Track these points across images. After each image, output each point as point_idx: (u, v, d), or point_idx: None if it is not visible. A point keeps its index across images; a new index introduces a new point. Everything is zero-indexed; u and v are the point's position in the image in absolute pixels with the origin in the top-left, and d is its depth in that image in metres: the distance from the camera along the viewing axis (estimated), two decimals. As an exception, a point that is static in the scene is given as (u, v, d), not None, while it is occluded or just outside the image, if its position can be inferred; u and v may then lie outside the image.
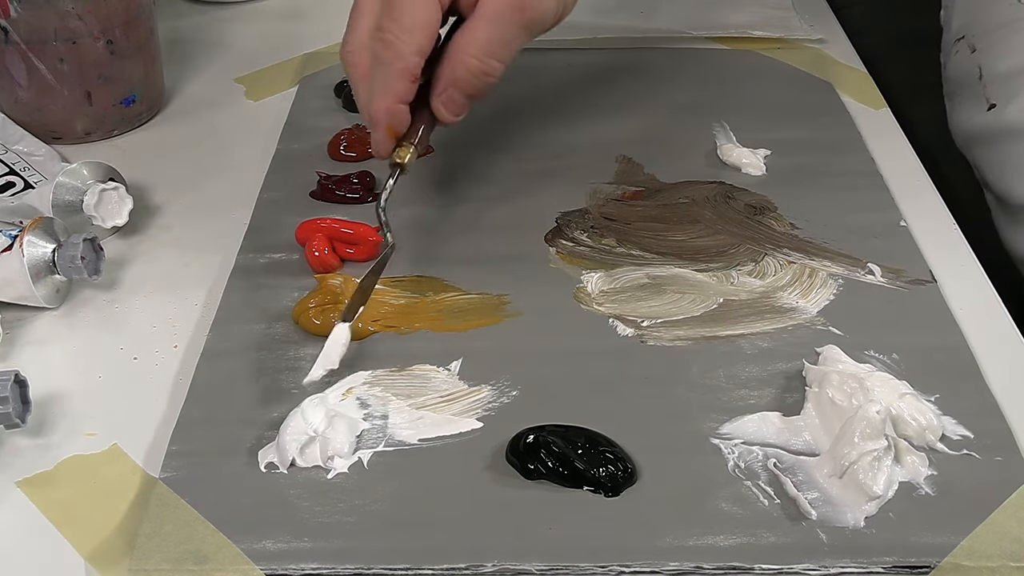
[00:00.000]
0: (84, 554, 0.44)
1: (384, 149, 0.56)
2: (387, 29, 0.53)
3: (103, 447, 0.49)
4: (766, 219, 0.62)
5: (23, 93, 0.70)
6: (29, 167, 0.68)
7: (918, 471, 0.46)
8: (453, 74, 0.54)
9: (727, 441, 0.48)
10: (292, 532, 0.44)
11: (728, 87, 0.75)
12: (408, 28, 0.53)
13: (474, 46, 0.53)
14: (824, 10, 0.86)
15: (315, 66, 0.79)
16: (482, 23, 0.53)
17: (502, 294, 0.56)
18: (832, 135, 0.69)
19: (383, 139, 0.56)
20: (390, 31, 0.53)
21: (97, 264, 0.58)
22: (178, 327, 0.56)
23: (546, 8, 0.54)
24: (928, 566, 0.42)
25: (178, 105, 0.77)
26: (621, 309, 0.55)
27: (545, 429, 0.47)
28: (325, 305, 0.54)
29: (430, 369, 0.52)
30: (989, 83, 0.71)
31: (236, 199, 0.65)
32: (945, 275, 0.57)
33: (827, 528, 0.44)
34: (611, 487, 0.45)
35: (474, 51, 0.53)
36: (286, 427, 0.47)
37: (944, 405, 0.49)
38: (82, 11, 0.67)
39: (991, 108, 0.70)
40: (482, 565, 0.42)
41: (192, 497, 0.45)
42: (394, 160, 0.56)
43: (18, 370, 0.49)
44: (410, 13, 0.53)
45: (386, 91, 0.54)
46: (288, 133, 0.71)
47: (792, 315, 0.55)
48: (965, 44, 0.74)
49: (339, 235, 0.59)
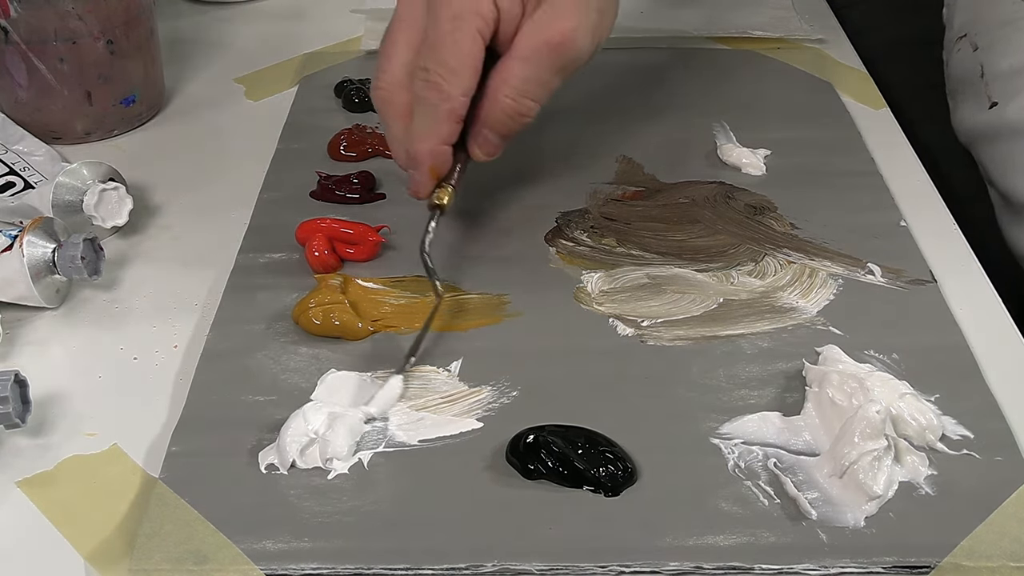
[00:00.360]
0: (84, 554, 0.44)
1: (425, 190, 0.55)
2: (432, 70, 0.52)
3: (103, 447, 0.49)
4: (766, 219, 0.62)
5: (23, 93, 0.70)
6: (29, 167, 0.68)
7: (918, 471, 0.46)
8: (488, 115, 0.54)
9: (727, 441, 0.48)
10: (292, 532, 0.44)
11: (728, 87, 0.75)
12: (455, 70, 0.52)
13: (509, 86, 0.53)
14: (824, 10, 0.86)
15: (315, 66, 0.79)
16: (517, 63, 0.53)
17: (502, 294, 0.56)
18: (832, 135, 0.69)
19: (426, 180, 0.55)
20: (436, 72, 0.52)
21: (97, 264, 0.58)
22: (178, 327, 0.56)
23: (581, 47, 0.53)
24: (928, 566, 0.42)
25: (178, 105, 0.77)
26: (621, 309, 0.55)
27: (545, 429, 0.47)
28: (325, 305, 0.54)
29: (430, 369, 0.52)
30: (991, 81, 0.71)
31: (236, 199, 0.65)
32: (945, 275, 0.57)
33: (827, 528, 0.44)
34: (611, 487, 0.45)
35: (509, 91, 0.53)
36: (287, 428, 0.47)
37: (944, 405, 0.49)
38: (82, 11, 0.67)
39: (993, 106, 0.70)
40: (482, 565, 0.42)
41: (192, 497, 0.45)
42: (433, 202, 0.55)
43: (18, 370, 0.49)
44: (456, 54, 0.52)
45: (431, 133, 0.53)
46: (288, 133, 0.71)
47: (792, 315, 0.55)
48: (967, 42, 0.74)
49: (339, 235, 0.59)
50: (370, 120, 0.71)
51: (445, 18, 0.52)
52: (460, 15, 0.52)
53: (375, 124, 0.71)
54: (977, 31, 0.74)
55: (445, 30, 0.52)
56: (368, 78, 0.74)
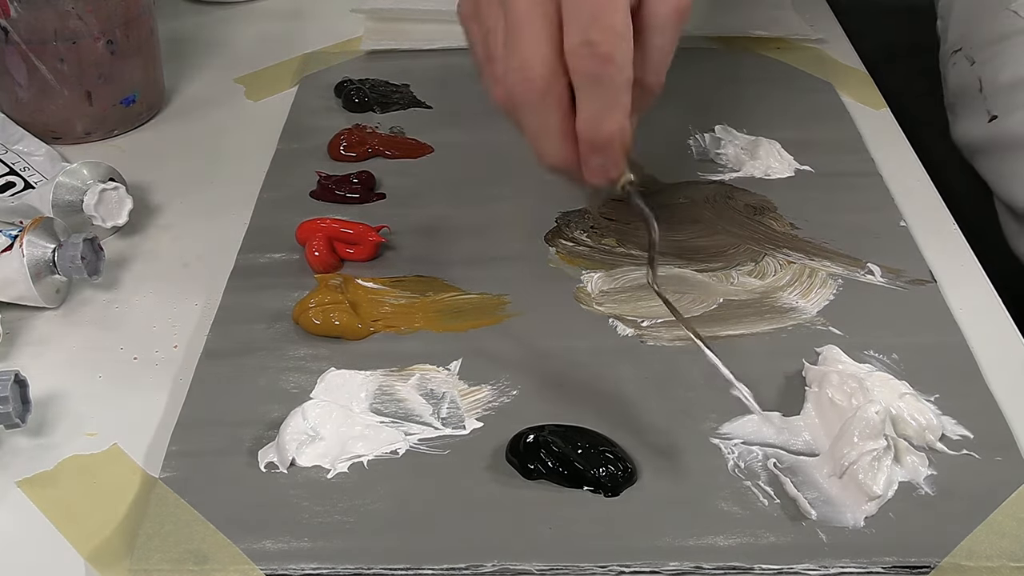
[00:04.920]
0: (84, 554, 0.44)
1: (619, 169, 0.49)
2: (600, 41, 0.45)
3: (103, 447, 0.49)
4: (766, 219, 0.62)
5: (23, 93, 0.70)
6: (29, 167, 0.68)
7: (918, 471, 0.46)
8: None
9: (727, 441, 0.48)
10: (292, 532, 0.44)
11: (728, 87, 0.75)
12: (623, 35, 0.46)
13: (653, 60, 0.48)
14: (824, 10, 0.86)
15: (315, 66, 0.79)
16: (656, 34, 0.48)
17: (502, 294, 0.56)
18: (832, 135, 0.69)
19: (619, 160, 0.49)
20: (606, 42, 0.45)
21: (97, 264, 0.58)
22: (178, 327, 0.56)
23: None
24: (928, 566, 0.42)
25: (178, 105, 0.77)
26: (621, 309, 0.55)
27: (545, 429, 0.47)
28: (325, 305, 0.54)
29: (430, 369, 0.52)
30: (990, 95, 0.71)
31: (236, 199, 0.65)
32: (945, 275, 0.57)
33: (827, 528, 0.44)
34: (611, 487, 0.45)
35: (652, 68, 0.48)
36: (286, 427, 0.47)
37: (944, 405, 0.49)
38: (82, 11, 0.67)
39: (992, 119, 0.70)
40: (482, 565, 0.42)
41: (192, 497, 0.45)
42: (629, 179, 0.50)
43: (18, 370, 0.49)
44: (622, 19, 0.46)
45: (615, 107, 0.47)
46: (288, 133, 0.71)
47: (792, 315, 0.55)
48: (963, 56, 0.74)
49: (339, 235, 0.59)
50: (370, 120, 0.71)
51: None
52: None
53: (375, 124, 0.71)
54: (972, 45, 0.74)
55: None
56: (368, 78, 0.75)
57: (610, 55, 0.46)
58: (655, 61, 0.48)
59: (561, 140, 0.48)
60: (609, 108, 0.47)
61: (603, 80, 0.46)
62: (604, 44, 0.46)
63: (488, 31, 0.49)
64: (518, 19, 0.46)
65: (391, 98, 0.74)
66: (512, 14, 0.47)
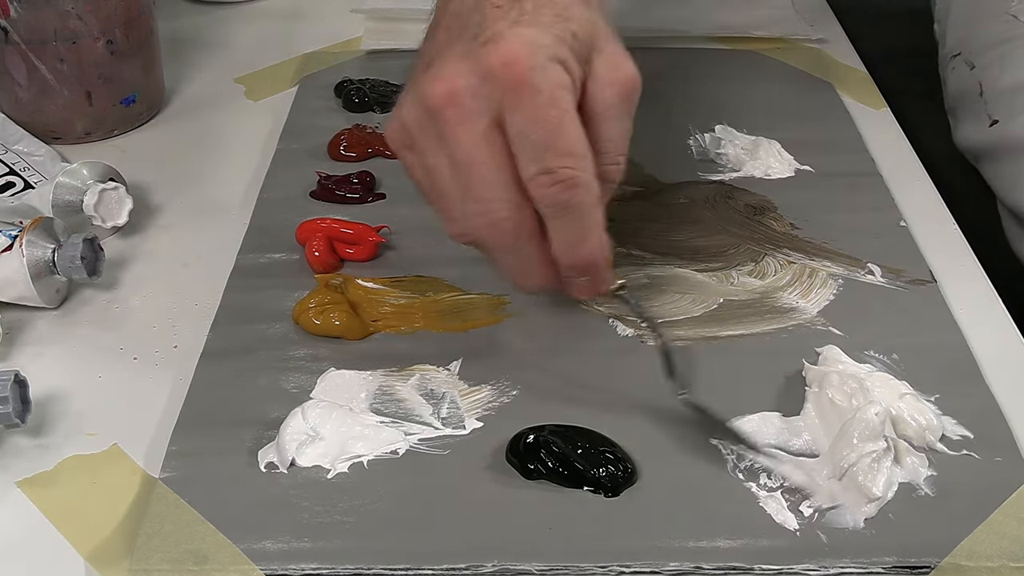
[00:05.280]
0: (84, 554, 0.44)
1: (607, 282, 0.49)
2: (559, 167, 0.43)
3: (103, 447, 0.49)
4: (766, 219, 0.62)
5: (23, 93, 0.70)
6: (29, 167, 0.67)
7: (918, 472, 0.46)
8: None
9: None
10: (292, 532, 0.44)
11: (728, 87, 0.75)
12: (582, 154, 0.44)
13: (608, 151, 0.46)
14: (824, 10, 0.86)
15: (315, 66, 0.79)
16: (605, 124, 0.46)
17: (502, 294, 0.56)
18: (832, 135, 0.69)
19: (604, 274, 0.48)
20: (568, 166, 0.44)
21: (97, 264, 0.58)
22: (178, 327, 0.56)
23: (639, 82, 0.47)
24: (928, 566, 0.42)
25: (178, 105, 0.77)
26: (621, 309, 0.55)
27: (545, 429, 0.47)
28: (325, 305, 0.54)
29: (430, 369, 0.52)
30: (990, 100, 0.71)
31: (236, 199, 0.65)
32: (945, 275, 0.57)
33: (827, 529, 0.44)
34: (611, 487, 0.45)
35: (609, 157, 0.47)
36: (286, 427, 0.47)
37: (944, 405, 0.49)
38: (82, 11, 0.67)
39: (994, 124, 0.70)
40: (482, 565, 0.42)
41: (192, 497, 0.45)
42: (617, 287, 0.50)
43: (18, 370, 0.49)
44: (575, 138, 0.44)
45: (590, 228, 0.46)
46: (288, 133, 0.71)
47: (792, 315, 0.55)
48: (963, 60, 0.74)
49: (339, 235, 0.59)
50: (370, 120, 0.71)
51: (540, 106, 0.43)
52: (552, 96, 0.43)
53: (375, 124, 0.71)
54: (971, 50, 0.74)
55: (548, 117, 0.43)
56: (368, 78, 0.75)
57: (573, 179, 0.44)
58: (610, 152, 0.46)
59: (540, 269, 0.47)
60: (584, 231, 0.46)
61: (571, 206, 0.44)
62: (564, 170, 0.43)
63: (430, 167, 0.46)
64: (466, 157, 0.44)
65: (391, 98, 0.73)
66: (458, 151, 0.44)
